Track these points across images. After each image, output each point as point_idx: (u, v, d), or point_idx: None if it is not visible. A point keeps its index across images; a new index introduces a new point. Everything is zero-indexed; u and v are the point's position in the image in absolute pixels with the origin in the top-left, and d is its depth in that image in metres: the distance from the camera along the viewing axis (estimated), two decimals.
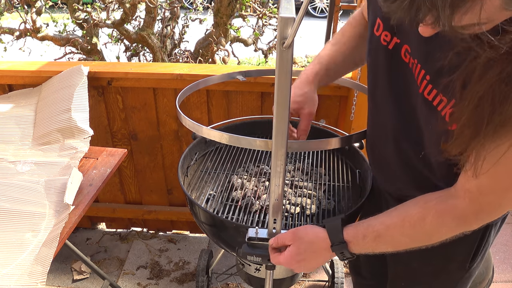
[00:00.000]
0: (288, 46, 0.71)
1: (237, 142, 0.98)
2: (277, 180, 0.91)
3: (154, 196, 2.23)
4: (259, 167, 1.50)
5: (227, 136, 0.99)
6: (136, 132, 2.01)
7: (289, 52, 0.72)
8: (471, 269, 1.03)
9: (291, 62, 0.74)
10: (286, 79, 0.76)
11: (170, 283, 2.07)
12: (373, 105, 1.00)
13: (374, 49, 0.92)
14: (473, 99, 0.65)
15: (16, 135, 1.63)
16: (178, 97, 1.27)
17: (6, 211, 1.27)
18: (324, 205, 1.32)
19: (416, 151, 0.87)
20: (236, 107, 1.89)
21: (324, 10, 8.96)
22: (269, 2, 3.57)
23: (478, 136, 0.66)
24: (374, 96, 0.98)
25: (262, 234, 1.03)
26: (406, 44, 0.82)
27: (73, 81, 1.70)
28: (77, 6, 3.12)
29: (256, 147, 0.95)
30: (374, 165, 1.11)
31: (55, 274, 2.11)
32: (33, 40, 3.38)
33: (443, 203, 0.82)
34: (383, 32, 0.87)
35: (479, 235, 0.96)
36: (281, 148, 0.86)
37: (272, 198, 0.95)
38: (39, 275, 1.08)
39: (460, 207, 0.79)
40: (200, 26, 3.76)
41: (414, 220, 0.83)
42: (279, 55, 0.73)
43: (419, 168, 0.90)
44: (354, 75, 1.69)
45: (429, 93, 0.78)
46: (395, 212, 0.87)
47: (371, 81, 0.98)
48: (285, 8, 0.72)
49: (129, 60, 3.74)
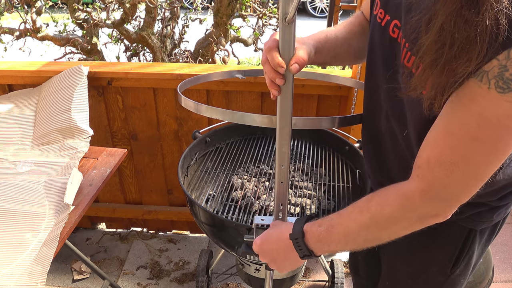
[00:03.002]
0: (290, 20, 0.72)
1: (240, 119, 0.95)
2: (282, 162, 0.90)
3: (154, 196, 2.23)
4: (259, 167, 1.50)
5: (230, 113, 0.97)
6: (136, 132, 2.01)
7: (291, 27, 0.74)
8: (454, 275, 1.00)
9: (293, 37, 0.76)
10: (289, 54, 0.78)
11: (170, 283, 2.07)
12: (368, 83, 1.00)
13: (371, 28, 0.94)
14: (436, 26, 0.63)
15: (16, 135, 1.63)
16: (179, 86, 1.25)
17: (6, 211, 1.27)
18: (324, 205, 1.33)
19: (401, 129, 0.87)
20: (236, 107, 1.89)
21: (324, 10, 8.95)
22: (269, 2, 3.57)
23: (438, 62, 0.63)
24: (369, 74, 0.98)
25: (268, 221, 1.01)
26: (395, 19, 0.83)
27: (73, 81, 1.70)
28: (77, 6, 3.12)
29: (259, 123, 0.93)
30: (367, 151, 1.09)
31: (55, 274, 2.11)
32: (33, 40, 3.38)
33: (392, 186, 0.79)
34: (379, 10, 0.88)
35: (461, 240, 0.95)
36: (286, 126, 0.85)
37: (278, 180, 0.93)
38: (39, 275, 1.08)
39: (406, 186, 0.76)
40: (200, 26, 3.76)
41: (362, 204, 0.81)
42: (282, 30, 0.75)
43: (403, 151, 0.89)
44: (354, 74, 1.69)
45: (408, 60, 0.76)
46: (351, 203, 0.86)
47: (368, 59, 0.97)
48: None
49: (129, 60, 3.74)
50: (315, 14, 9.10)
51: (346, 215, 0.84)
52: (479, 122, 0.65)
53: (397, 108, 0.86)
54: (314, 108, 1.87)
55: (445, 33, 0.62)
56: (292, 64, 0.77)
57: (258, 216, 1.03)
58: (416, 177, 0.74)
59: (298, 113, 1.88)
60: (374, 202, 0.79)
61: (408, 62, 0.76)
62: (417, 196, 0.74)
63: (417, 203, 0.74)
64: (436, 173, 0.71)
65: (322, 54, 0.95)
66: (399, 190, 0.77)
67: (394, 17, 0.83)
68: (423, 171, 0.73)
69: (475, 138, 0.66)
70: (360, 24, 1.06)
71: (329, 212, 1.30)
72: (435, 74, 0.65)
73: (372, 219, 0.79)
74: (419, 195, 0.74)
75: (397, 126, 0.89)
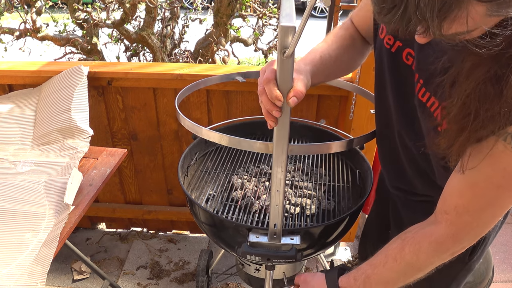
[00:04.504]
0: (289, 56, 0.70)
1: (237, 144, 0.97)
2: (278, 187, 0.92)
3: (154, 196, 2.23)
4: (259, 167, 1.50)
5: (227, 137, 0.98)
6: (136, 132, 2.01)
7: (289, 61, 0.72)
8: (470, 263, 1.04)
9: (291, 71, 0.74)
10: (287, 87, 0.76)
11: (170, 283, 2.07)
12: (379, 102, 1.04)
13: (378, 52, 0.96)
14: (461, 96, 0.67)
15: (16, 135, 1.63)
16: (177, 98, 1.27)
17: (6, 211, 1.27)
18: (324, 205, 1.33)
19: (417, 147, 0.90)
20: (236, 107, 1.89)
21: (324, 10, 8.96)
22: (269, 2, 3.57)
23: (464, 132, 0.69)
24: (379, 95, 1.02)
25: (263, 239, 1.04)
26: (408, 48, 0.86)
27: (73, 81, 1.70)
28: (77, 6, 3.12)
29: (256, 149, 0.95)
30: (383, 160, 1.14)
31: (55, 274, 2.11)
32: (33, 40, 3.38)
33: (420, 231, 0.85)
34: (386, 36, 0.91)
35: None
36: (282, 154, 0.86)
37: (273, 203, 0.95)
38: (39, 275, 1.08)
39: (437, 232, 0.82)
40: (200, 26, 3.76)
41: (394, 253, 0.87)
42: (280, 63, 0.73)
43: (422, 165, 0.94)
44: (354, 75, 1.69)
45: (423, 95, 0.82)
46: (379, 251, 0.91)
47: (377, 81, 1.02)
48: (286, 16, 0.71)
49: (129, 60, 3.74)
50: (315, 14, 9.10)
51: (381, 265, 0.89)
52: (503, 175, 0.71)
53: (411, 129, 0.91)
54: (314, 108, 1.87)
55: (470, 106, 0.67)
56: (291, 98, 0.77)
57: (253, 234, 1.05)
58: (445, 222, 0.80)
59: (298, 114, 1.88)
60: (407, 251, 0.84)
61: (423, 97, 0.82)
62: (449, 241, 0.81)
63: (449, 246, 0.82)
64: (465, 219, 0.78)
65: (317, 76, 0.97)
66: (430, 237, 0.82)
67: (406, 45, 0.87)
68: (452, 217, 0.79)
69: (499, 186, 0.72)
70: (351, 37, 1.07)
71: (329, 212, 1.30)
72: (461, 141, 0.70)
73: (409, 266, 0.85)
74: (451, 239, 0.80)
75: (412, 145, 0.94)
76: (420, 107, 0.84)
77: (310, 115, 1.89)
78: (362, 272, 0.92)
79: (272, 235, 1.03)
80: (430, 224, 0.84)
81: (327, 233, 1.21)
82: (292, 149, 0.94)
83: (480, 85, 0.65)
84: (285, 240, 1.04)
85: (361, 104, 1.74)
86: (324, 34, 1.95)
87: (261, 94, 0.80)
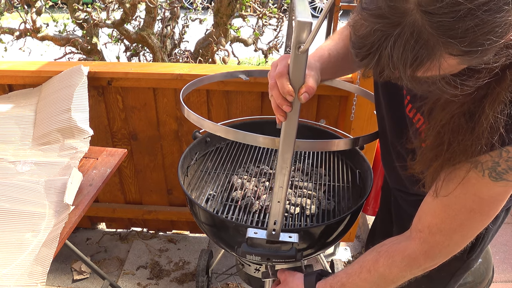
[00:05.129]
0: (304, 51, 0.70)
1: (242, 138, 0.95)
2: (281, 183, 0.91)
3: (154, 196, 2.23)
4: (259, 167, 1.50)
5: (233, 132, 0.95)
6: (136, 132, 2.01)
7: (303, 57, 0.72)
8: (469, 261, 1.06)
9: (304, 67, 0.74)
10: (298, 82, 0.76)
11: (170, 283, 2.07)
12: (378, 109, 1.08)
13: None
14: (436, 126, 0.71)
15: (16, 135, 1.63)
16: (182, 92, 1.25)
17: (6, 211, 1.27)
18: (324, 205, 1.33)
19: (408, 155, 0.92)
20: (236, 107, 1.89)
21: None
22: (269, 2, 3.57)
23: (438, 159, 0.73)
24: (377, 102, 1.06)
25: (261, 235, 1.03)
26: None
27: (73, 81, 1.70)
28: (77, 6, 3.12)
29: (261, 144, 0.93)
30: (383, 162, 1.17)
31: (55, 274, 2.11)
32: (33, 40, 3.37)
33: (395, 245, 0.89)
34: None
35: None
36: (288, 150, 0.85)
37: (275, 199, 0.95)
38: (39, 275, 1.08)
39: (410, 248, 0.85)
40: (200, 26, 3.76)
41: (369, 265, 0.90)
42: (294, 58, 0.73)
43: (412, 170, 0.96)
44: (354, 77, 1.69)
45: (410, 110, 0.86)
46: (356, 260, 0.95)
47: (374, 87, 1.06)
48: (301, 12, 0.71)
49: (129, 60, 3.74)
50: (315, 14, 9.10)
51: (355, 275, 0.92)
52: (474, 199, 0.75)
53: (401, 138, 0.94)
54: (314, 108, 1.87)
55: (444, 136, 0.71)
56: (302, 93, 0.77)
57: (251, 229, 1.05)
58: (419, 239, 0.84)
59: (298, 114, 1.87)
60: (381, 264, 0.88)
61: (410, 112, 0.86)
62: (422, 257, 0.84)
63: (421, 262, 0.85)
64: (437, 238, 0.82)
65: (325, 73, 0.98)
66: (403, 252, 0.86)
67: None
68: (425, 236, 0.83)
69: (471, 210, 0.76)
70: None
71: (329, 212, 1.30)
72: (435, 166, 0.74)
73: (381, 278, 0.89)
74: (423, 256, 0.84)
75: (403, 152, 0.96)
76: (409, 121, 0.88)
77: (310, 115, 1.89)
78: (338, 280, 0.95)
79: (271, 232, 1.02)
80: (405, 239, 0.88)
81: (327, 233, 1.21)
82: (299, 145, 0.92)
83: (454, 118, 0.68)
84: (283, 237, 1.04)
85: (361, 105, 1.74)
86: (324, 34, 1.95)
87: (272, 88, 0.80)
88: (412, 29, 0.54)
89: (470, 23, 0.51)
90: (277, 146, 0.88)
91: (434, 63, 0.55)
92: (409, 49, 0.55)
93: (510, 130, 0.65)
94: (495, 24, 0.52)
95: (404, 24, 0.54)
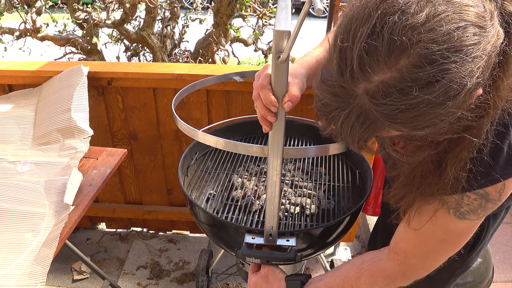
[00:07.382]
0: (283, 60, 0.70)
1: (233, 148, 0.97)
2: (273, 189, 0.92)
3: (154, 196, 2.23)
4: (259, 166, 1.50)
5: (223, 141, 0.97)
6: (136, 132, 2.01)
7: (284, 66, 0.71)
8: (469, 258, 1.07)
9: (286, 76, 0.74)
10: (281, 92, 0.76)
11: (170, 283, 2.07)
12: None
13: None
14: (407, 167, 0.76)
15: (16, 135, 1.63)
16: (174, 101, 1.27)
17: (6, 211, 1.27)
18: (324, 205, 1.33)
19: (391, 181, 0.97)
20: (236, 107, 1.89)
21: (324, 10, 8.97)
22: (269, 2, 3.57)
23: (409, 195, 0.79)
24: None
25: (258, 240, 1.03)
26: None
27: (73, 81, 1.70)
28: (77, 6, 3.12)
29: (252, 153, 0.95)
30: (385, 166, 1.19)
31: (55, 274, 2.11)
32: (33, 40, 3.38)
33: (375, 264, 0.95)
34: None
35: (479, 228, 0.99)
36: (277, 158, 0.86)
37: (269, 206, 0.95)
38: (39, 275, 1.08)
39: (389, 268, 0.92)
40: (200, 26, 3.76)
41: (351, 281, 0.96)
42: (274, 68, 0.72)
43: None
44: None
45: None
46: (337, 273, 0.99)
47: None
48: (281, 20, 0.70)
49: (129, 60, 3.74)
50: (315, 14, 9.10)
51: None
52: (444, 231, 0.81)
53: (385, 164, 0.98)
54: (313, 108, 1.86)
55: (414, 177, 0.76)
56: (285, 102, 0.77)
57: (249, 235, 1.06)
58: (396, 261, 0.92)
59: (298, 113, 1.88)
60: (363, 281, 0.95)
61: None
62: (400, 277, 0.92)
63: (399, 282, 0.93)
64: (412, 262, 0.89)
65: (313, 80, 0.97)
66: (383, 272, 0.94)
67: None
68: (401, 259, 0.90)
69: (441, 240, 0.83)
70: None
71: (328, 211, 1.30)
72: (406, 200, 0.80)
73: None
74: (401, 276, 0.92)
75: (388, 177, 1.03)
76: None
77: (309, 115, 1.89)
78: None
79: (268, 237, 1.03)
80: (384, 259, 0.94)
81: (326, 233, 1.21)
82: (288, 152, 0.94)
83: (423, 163, 0.73)
84: (280, 242, 1.04)
85: None
86: (324, 34, 1.95)
87: (256, 100, 0.80)
88: (360, 111, 0.59)
89: (412, 114, 0.56)
90: (266, 154, 0.88)
91: (382, 133, 0.62)
92: (356, 127, 0.60)
93: (471, 180, 0.72)
94: (437, 114, 0.56)
95: (353, 105, 0.59)
